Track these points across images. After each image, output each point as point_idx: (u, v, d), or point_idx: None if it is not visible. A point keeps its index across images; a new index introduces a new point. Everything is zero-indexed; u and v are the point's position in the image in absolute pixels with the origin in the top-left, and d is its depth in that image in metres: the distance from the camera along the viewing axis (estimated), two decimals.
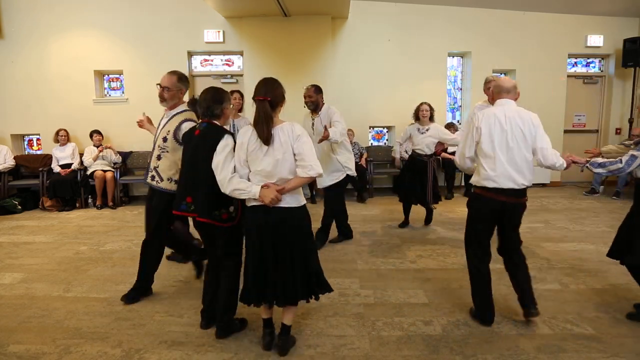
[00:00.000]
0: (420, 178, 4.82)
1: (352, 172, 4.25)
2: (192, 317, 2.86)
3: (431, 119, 4.80)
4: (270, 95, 2.27)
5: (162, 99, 3.00)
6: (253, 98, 2.32)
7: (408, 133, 4.97)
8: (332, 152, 4.16)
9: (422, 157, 4.81)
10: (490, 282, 2.72)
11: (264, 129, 2.23)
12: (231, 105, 2.66)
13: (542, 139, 2.58)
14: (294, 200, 2.33)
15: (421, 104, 4.83)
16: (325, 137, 3.76)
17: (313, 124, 4.17)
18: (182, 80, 3.03)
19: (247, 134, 2.33)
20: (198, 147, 2.46)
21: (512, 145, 2.54)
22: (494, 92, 2.79)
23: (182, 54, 7.04)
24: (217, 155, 2.36)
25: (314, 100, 4.08)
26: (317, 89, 4.12)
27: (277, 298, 2.32)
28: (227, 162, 2.35)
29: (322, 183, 4.21)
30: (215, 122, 2.52)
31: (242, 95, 4.51)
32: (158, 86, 2.99)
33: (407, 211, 5.08)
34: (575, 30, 7.44)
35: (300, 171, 2.26)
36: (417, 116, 4.85)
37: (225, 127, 2.60)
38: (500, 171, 2.54)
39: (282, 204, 2.27)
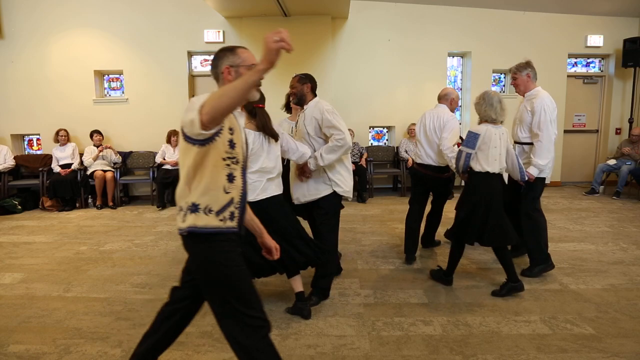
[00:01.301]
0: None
1: (343, 191, 3.09)
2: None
3: None
4: (263, 103, 2.73)
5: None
6: (251, 106, 2.63)
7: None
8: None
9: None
10: (417, 229, 3.84)
11: (272, 128, 2.64)
12: None
13: (446, 132, 3.57)
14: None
15: (412, 124, 4.73)
16: (306, 174, 3.02)
17: (297, 122, 3.20)
18: None
19: (249, 137, 2.59)
20: None
21: (429, 135, 3.70)
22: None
23: (182, 54, 7.04)
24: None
25: (297, 91, 3.06)
26: (303, 78, 3.06)
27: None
28: None
29: (300, 197, 3.14)
30: None
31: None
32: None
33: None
34: (575, 30, 7.43)
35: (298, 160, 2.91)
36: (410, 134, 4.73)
37: None
38: (422, 152, 3.76)
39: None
